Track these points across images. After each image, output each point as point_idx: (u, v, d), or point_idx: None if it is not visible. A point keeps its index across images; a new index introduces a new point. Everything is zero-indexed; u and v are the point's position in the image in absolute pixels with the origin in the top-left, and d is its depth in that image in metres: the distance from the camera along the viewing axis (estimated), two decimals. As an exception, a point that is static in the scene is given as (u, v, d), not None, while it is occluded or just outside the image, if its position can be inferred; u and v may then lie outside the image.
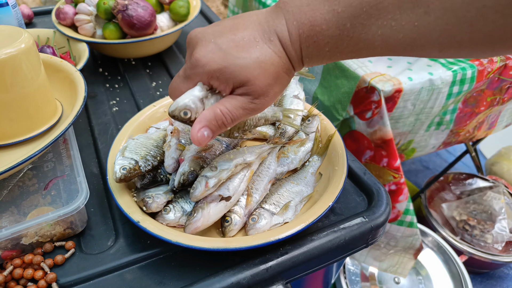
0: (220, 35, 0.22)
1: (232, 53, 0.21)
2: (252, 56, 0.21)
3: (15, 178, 0.29)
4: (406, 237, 0.55)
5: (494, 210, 0.80)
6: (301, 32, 0.21)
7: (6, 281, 0.24)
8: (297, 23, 0.21)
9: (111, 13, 0.45)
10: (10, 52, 0.26)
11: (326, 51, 0.21)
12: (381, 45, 0.20)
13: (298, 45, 0.22)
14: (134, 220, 0.25)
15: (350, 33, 0.20)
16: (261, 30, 0.22)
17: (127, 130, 0.33)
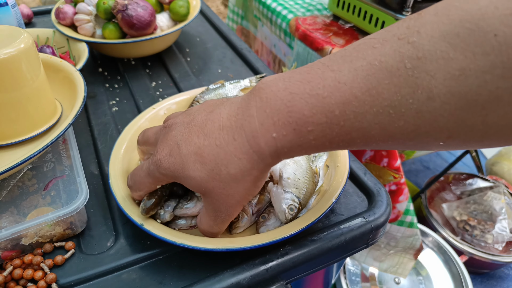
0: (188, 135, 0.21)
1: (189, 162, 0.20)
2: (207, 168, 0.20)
3: (15, 178, 0.29)
4: (406, 238, 0.55)
5: (494, 210, 0.80)
6: (276, 120, 0.18)
7: (6, 281, 0.24)
8: (271, 110, 0.18)
9: (110, 13, 0.45)
10: (9, 52, 0.26)
11: (311, 139, 0.18)
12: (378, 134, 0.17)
13: (270, 135, 0.18)
14: (138, 223, 0.25)
15: (340, 121, 0.17)
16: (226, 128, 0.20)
17: (127, 134, 0.33)
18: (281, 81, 0.19)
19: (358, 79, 0.16)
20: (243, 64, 0.50)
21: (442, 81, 0.14)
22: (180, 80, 0.46)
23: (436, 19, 0.15)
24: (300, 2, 0.68)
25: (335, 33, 0.59)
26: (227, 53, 0.52)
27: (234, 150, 0.19)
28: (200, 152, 0.20)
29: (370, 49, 0.16)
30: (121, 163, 0.30)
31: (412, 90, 0.15)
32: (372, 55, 0.16)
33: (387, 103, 0.16)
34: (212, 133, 0.20)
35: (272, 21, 0.67)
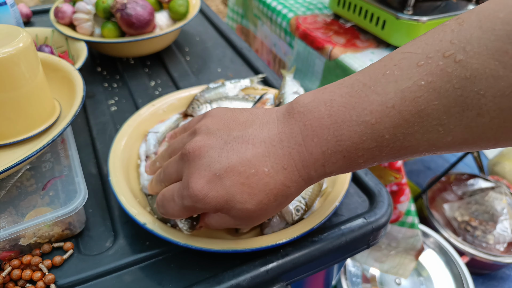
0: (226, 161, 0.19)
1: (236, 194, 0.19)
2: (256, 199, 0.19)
3: (13, 178, 0.29)
4: (407, 238, 0.55)
5: (496, 210, 0.80)
6: (325, 149, 0.18)
7: (4, 282, 0.24)
8: (318, 139, 0.18)
9: (109, 12, 0.44)
10: (8, 51, 0.25)
11: (360, 162, 0.18)
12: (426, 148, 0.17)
13: (320, 163, 0.18)
14: (140, 222, 0.24)
15: (390, 143, 0.17)
16: (273, 155, 0.19)
17: (126, 131, 0.33)
18: (323, 106, 0.18)
19: (406, 102, 0.16)
20: (243, 64, 0.49)
21: (492, 98, 0.14)
22: (180, 80, 0.46)
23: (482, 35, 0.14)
24: (301, 1, 0.68)
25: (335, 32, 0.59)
26: (227, 53, 0.52)
27: (284, 179, 0.19)
28: (247, 182, 0.19)
29: (414, 67, 0.16)
30: (121, 159, 0.30)
31: (461, 109, 0.15)
32: (417, 75, 0.16)
33: (436, 122, 0.16)
34: (258, 160, 0.19)
35: (272, 20, 0.67)
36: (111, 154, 0.30)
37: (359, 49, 0.54)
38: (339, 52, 0.54)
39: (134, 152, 0.32)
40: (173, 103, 0.36)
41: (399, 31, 0.50)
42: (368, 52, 0.53)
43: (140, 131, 0.34)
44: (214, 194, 0.19)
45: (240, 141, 0.20)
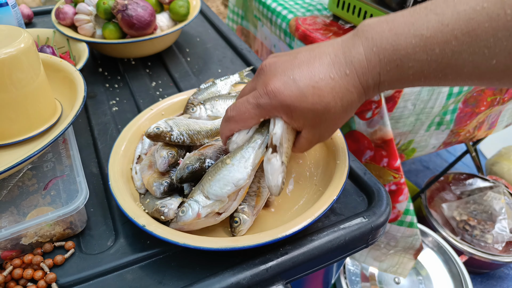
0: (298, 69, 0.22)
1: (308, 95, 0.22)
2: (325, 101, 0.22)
3: (15, 178, 0.29)
4: (406, 237, 0.55)
5: (494, 210, 0.80)
6: (382, 57, 0.21)
7: (5, 281, 0.24)
8: (377, 48, 0.21)
9: (110, 13, 0.45)
10: (9, 52, 0.26)
11: (410, 74, 0.20)
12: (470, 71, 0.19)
13: (376, 71, 0.21)
14: (140, 225, 0.25)
15: (438, 58, 0.19)
16: (337, 63, 0.22)
17: (125, 136, 0.33)
18: (385, 23, 0.21)
19: (460, 22, 0.18)
20: (243, 64, 0.50)
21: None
22: (180, 80, 0.46)
23: None
24: (300, 2, 0.68)
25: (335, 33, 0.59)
26: (227, 53, 0.52)
27: (347, 84, 0.22)
28: (317, 85, 0.22)
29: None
30: (121, 164, 0.30)
31: (508, 34, 0.17)
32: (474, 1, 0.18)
33: (484, 44, 0.18)
34: (324, 68, 0.22)
35: (272, 21, 0.67)
36: (111, 159, 0.30)
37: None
38: (338, 52, 0.54)
39: (133, 155, 0.32)
40: (171, 106, 0.37)
41: (397, 32, 0.51)
42: (367, 52, 0.53)
43: (139, 135, 0.34)
44: (289, 92, 0.22)
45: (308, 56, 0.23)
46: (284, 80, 0.22)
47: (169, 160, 0.28)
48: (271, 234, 0.24)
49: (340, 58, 0.22)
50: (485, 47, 0.18)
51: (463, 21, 0.18)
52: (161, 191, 0.27)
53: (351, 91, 0.22)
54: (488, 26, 0.17)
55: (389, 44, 0.20)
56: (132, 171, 0.31)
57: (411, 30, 0.19)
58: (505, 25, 0.17)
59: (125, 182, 0.29)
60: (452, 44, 0.18)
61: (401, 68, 0.20)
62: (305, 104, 0.22)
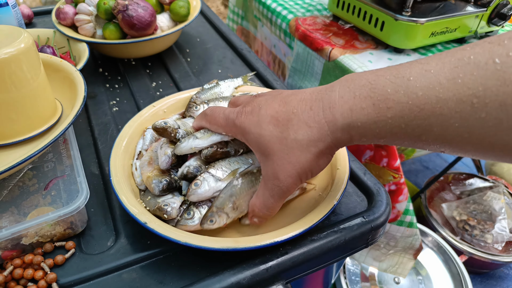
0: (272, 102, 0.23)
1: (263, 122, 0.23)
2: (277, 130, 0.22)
3: (15, 178, 0.29)
4: (406, 237, 0.55)
5: (494, 210, 0.80)
6: (357, 94, 0.19)
7: (6, 281, 0.24)
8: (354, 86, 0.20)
9: (111, 13, 0.45)
10: (9, 52, 0.26)
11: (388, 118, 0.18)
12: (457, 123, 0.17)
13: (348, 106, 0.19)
14: (142, 222, 0.25)
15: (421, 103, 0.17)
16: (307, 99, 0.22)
17: (127, 132, 0.33)
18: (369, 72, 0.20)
19: (445, 69, 0.17)
20: (243, 65, 0.50)
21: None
22: (181, 80, 0.46)
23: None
24: (300, 2, 0.68)
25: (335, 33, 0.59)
26: (227, 54, 0.52)
27: (307, 119, 0.21)
28: (276, 116, 0.22)
29: (460, 50, 0.17)
30: (122, 160, 0.30)
31: (499, 83, 0.15)
32: (461, 54, 0.17)
33: (471, 92, 0.16)
34: (292, 103, 0.22)
35: (272, 21, 0.67)
36: (112, 154, 0.30)
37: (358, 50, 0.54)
38: (338, 53, 0.54)
39: (134, 151, 0.32)
40: (173, 104, 0.37)
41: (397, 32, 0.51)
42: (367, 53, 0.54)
43: (141, 131, 0.34)
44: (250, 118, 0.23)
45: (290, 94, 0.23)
46: (253, 108, 0.24)
47: (172, 160, 0.28)
48: (272, 236, 0.24)
49: (313, 95, 0.22)
50: (473, 96, 0.16)
51: (447, 69, 0.17)
52: (160, 188, 0.27)
53: (309, 125, 0.21)
54: (476, 75, 0.16)
55: (368, 82, 0.19)
56: (133, 167, 0.31)
57: (393, 73, 0.19)
58: (494, 74, 0.15)
59: (126, 179, 0.29)
60: (436, 90, 0.17)
61: (378, 108, 0.18)
62: (258, 130, 0.23)
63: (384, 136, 0.19)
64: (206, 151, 0.27)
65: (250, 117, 0.23)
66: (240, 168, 0.27)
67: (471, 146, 0.17)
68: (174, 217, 0.26)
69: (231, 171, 0.27)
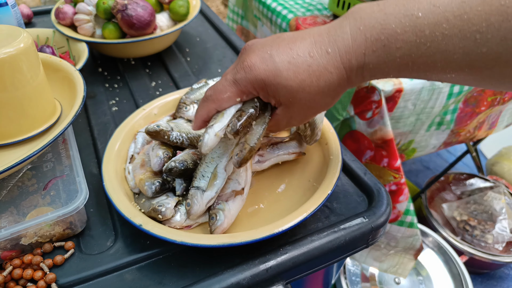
0: (277, 47, 0.22)
1: (283, 70, 0.21)
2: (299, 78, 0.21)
3: (15, 178, 0.29)
4: (406, 238, 0.55)
5: (494, 210, 0.80)
6: (368, 36, 0.19)
7: (5, 281, 0.24)
8: (365, 27, 0.20)
9: (110, 12, 0.45)
10: (9, 52, 0.26)
11: (397, 57, 0.19)
12: (460, 58, 0.18)
13: (361, 51, 0.20)
14: (136, 224, 0.25)
15: (428, 40, 0.18)
16: (319, 42, 0.21)
17: (118, 136, 0.33)
18: (376, 5, 0.20)
19: (452, 4, 0.17)
20: (243, 64, 0.50)
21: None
22: (180, 80, 0.46)
23: None
24: (300, 2, 0.68)
25: (335, 33, 0.59)
26: (227, 53, 0.52)
27: (326, 63, 0.21)
28: (294, 61, 0.21)
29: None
30: (115, 164, 0.30)
31: (501, 19, 0.16)
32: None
33: (475, 28, 0.17)
34: (305, 46, 0.21)
35: (272, 21, 0.67)
36: (104, 159, 0.30)
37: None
38: (339, 52, 0.54)
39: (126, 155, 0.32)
40: (163, 106, 0.37)
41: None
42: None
43: (132, 135, 0.34)
44: (264, 67, 0.21)
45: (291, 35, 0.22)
46: (261, 56, 0.22)
47: (165, 161, 0.28)
48: (268, 229, 0.24)
49: (324, 37, 0.21)
50: (477, 32, 0.17)
51: (455, 3, 0.17)
52: (153, 190, 0.27)
53: (330, 71, 0.21)
54: (481, 10, 0.17)
55: (377, 23, 0.19)
56: (125, 171, 0.31)
57: (401, 10, 0.19)
58: (498, 9, 0.16)
59: (119, 182, 0.29)
60: (442, 27, 0.18)
61: (388, 48, 0.19)
62: (279, 80, 0.21)
63: (392, 73, 0.20)
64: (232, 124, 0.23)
65: (264, 66, 0.21)
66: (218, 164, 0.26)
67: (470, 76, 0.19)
68: (169, 217, 0.26)
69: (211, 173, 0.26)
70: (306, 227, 0.28)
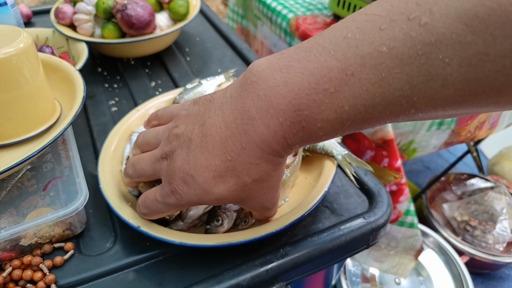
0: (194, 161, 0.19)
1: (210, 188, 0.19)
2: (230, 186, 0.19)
3: (14, 179, 0.29)
4: (406, 238, 0.55)
5: (495, 210, 0.80)
6: (282, 120, 0.17)
7: (5, 282, 0.24)
8: (274, 110, 0.17)
9: (110, 12, 0.44)
10: (8, 52, 0.26)
11: (321, 135, 0.17)
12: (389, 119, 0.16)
13: (280, 136, 0.17)
14: (135, 226, 0.25)
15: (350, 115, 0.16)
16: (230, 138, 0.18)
17: (114, 137, 0.32)
18: (278, 73, 0.17)
19: (366, 70, 0.15)
20: (243, 64, 0.49)
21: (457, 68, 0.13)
22: (180, 80, 0.46)
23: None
24: (301, 1, 0.68)
25: (335, 32, 0.59)
26: (227, 53, 0.52)
27: (247, 159, 0.18)
28: (216, 174, 0.19)
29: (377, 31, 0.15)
30: (111, 166, 0.30)
31: (425, 79, 0.14)
32: (379, 39, 0.14)
33: (399, 94, 0.15)
34: (218, 149, 0.19)
35: (272, 20, 0.67)
36: (100, 161, 0.30)
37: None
38: (339, 52, 0.53)
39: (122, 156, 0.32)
40: (158, 106, 0.37)
41: (398, 32, 0.50)
42: (367, 52, 0.53)
43: (127, 136, 0.34)
44: (192, 192, 0.20)
45: (200, 135, 0.19)
46: (183, 179, 0.20)
47: None
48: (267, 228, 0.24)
49: (233, 129, 0.18)
50: (401, 97, 0.14)
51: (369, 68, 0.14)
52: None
53: (256, 163, 0.18)
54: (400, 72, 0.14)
55: (288, 104, 0.16)
56: (122, 173, 0.30)
57: (311, 84, 0.16)
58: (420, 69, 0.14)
59: (116, 184, 0.28)
60: (362, 98, 0.15)
61: (308, 130, 0.17)
62: (213, 197, 0.20)
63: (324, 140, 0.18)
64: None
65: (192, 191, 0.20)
66: None
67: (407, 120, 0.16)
68: (175, 215, 0.26)
69: None
70: (306, 228, 0.28)
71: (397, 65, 0.14)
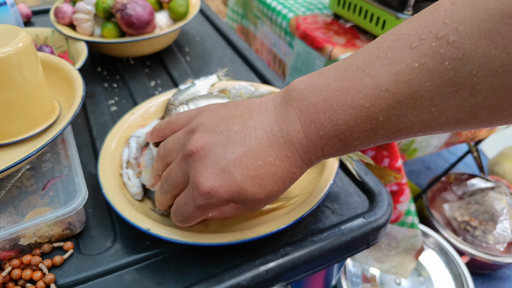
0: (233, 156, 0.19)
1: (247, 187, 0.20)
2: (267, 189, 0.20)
3: (13, 178, 0.29)
4: (407, 238, 0.55)
5: (496, 210, 0.80)
6: (322, 134, 0.19)
7: (4, 281, 0.24)
8: (316, 125, 0.19)
9: (109, 12, 0.44)
10: (8, 51, 0.25)
11: (356, 145, 0.19)
12: (420, 129, 0.17)
13: (319, 148, 0.19)
14: (144, 229, 0.24)
15: (384, 125, 0.17)
16: (275, 144, 0.19)
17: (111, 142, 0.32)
18: (318, 91, 0.19)
19: (400, 85, 0.16)
20: (243, 64, 0.49)
21: (484, 78, 0.14)
22: (180, 80, 0.46)
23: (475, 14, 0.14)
24: (301, 1, 0.68)
25: (335, 32, 0.59)
26: (227, 53, 0.52)
27: (289, 167, 0.20)
28: (257, 175, 0.20)
29: (408, 49, 0.16)
30: (112, 170, 0.30)
31: (454, 89, 0.15)
32: (411, 57, 0.16)
33: (430, 103, 0.16)
34: (263, 151, 0.20)
35: (272, 20, 0.67)
36: (100, 165, 0.29)
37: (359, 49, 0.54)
38: (339, 52, 0.54)
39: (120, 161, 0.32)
40: (158, 106, 0.36)
41: (399, 31, 0.50)
42: (368, 52, 0.53)
43: (124, 139, 0.33)
44: (225, 189, 0.20)
45: (242, 135, 0.20)
46: (217, 175, 0.20)
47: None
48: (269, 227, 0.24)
49: (278, 137, 0.19)
50: (432, 106, 0.16)
51: (402, 83, 0.16)
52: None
53: (293, 172, 0.20)
54: (431, 85, 0.15)
55: (327, 120, 0.18)
56: (124, 177, 0.30)
57: (348, 100, 0.17)
58: (449, 81, 0.15)
59: (119, 188, 0.28)
60: (396, 109, 0.17)
61: (345, 141, 0.19)
62: (245, 196, 0.20)
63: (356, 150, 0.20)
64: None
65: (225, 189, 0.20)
66: None
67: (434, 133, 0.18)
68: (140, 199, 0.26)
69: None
70: (306, 228, 0.28)
71: (428, 79, 0.16)
